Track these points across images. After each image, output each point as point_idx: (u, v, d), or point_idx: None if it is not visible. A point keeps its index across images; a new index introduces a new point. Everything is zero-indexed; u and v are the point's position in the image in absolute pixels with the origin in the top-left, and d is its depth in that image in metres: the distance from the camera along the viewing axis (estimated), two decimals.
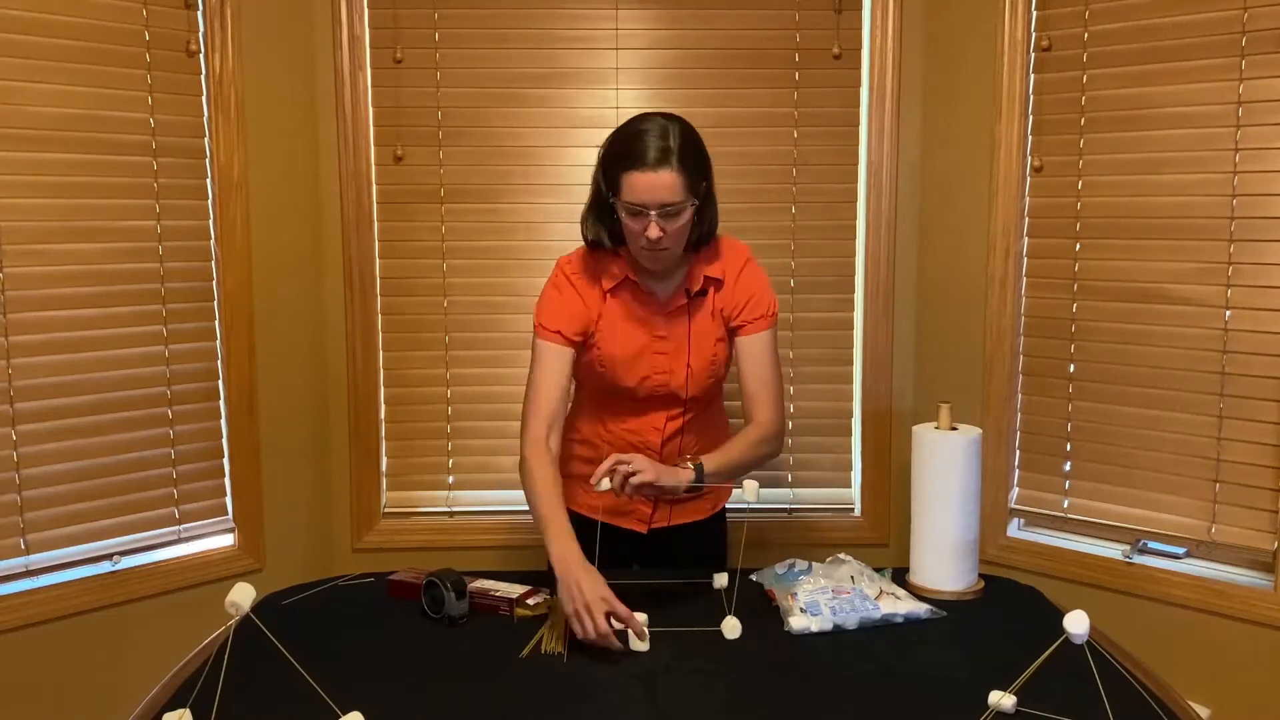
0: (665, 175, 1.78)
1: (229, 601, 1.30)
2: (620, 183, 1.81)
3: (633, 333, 1.96)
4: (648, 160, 1.78)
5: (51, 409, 2.22)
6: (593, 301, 1.96)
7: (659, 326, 1.96)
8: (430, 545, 2.67)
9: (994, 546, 2.51)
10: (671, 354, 1.97)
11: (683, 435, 2.02)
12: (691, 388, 1.97)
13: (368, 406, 2.66)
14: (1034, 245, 2.45)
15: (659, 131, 1.80)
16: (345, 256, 2.61)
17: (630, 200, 1.80)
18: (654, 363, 1.97)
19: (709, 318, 1.98)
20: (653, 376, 1.97)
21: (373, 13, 2.57)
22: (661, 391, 1.98)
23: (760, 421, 1.97)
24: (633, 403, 2.00)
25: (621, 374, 1.96)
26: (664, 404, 2.00)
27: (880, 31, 2.56)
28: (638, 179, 1.78)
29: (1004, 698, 1.45)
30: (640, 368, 1.96)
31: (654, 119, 1.83)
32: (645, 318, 1.96)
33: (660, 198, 1.79)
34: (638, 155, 1.78)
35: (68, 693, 2.27)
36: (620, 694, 1.53)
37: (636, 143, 1.80)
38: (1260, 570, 2.20)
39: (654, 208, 1.79)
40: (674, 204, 1.80)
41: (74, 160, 2.22)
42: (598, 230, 1.93)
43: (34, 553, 2.22)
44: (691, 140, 1.84)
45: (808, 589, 1.82)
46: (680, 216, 1.82)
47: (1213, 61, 2.18)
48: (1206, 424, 2.24)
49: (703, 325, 1.97)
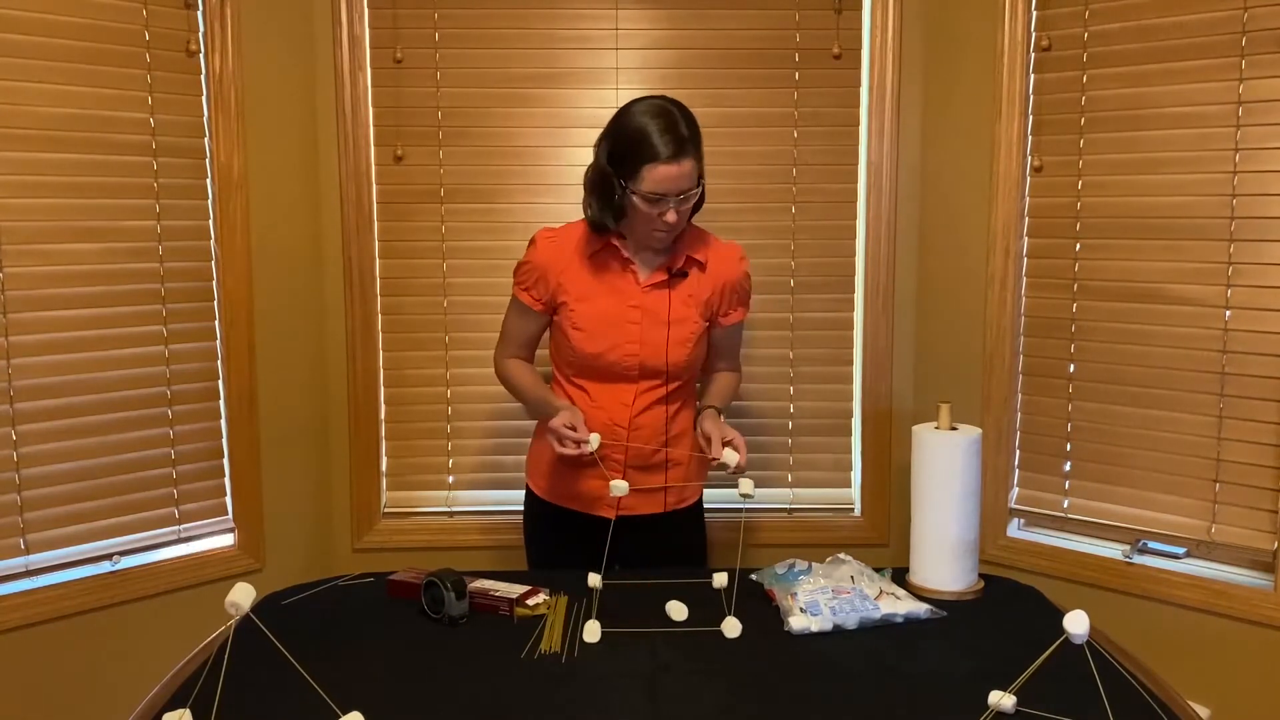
0: (686, 165, 1.89)
1: (229, 601, 1.30)
2: (640, 175, 1.88)
3: (606, 301, 2.02)
4: (669, 153, 1.87)
5: (51, 409, 2.22)
6: (570, 264, 2.04)
7: (634, 298, 2.02)
8: (430, 545, 2.67)
9: (994, 546, 2.51)
10: (644, 326, 2.01)
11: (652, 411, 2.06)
12: (657, 361, 2.02)
13: (368, 406, 2.66)
14: (1034, 245, 2.45)
15: (670, 122, 1.88)
16: (345, 256, 2.61)
17: (652, 191, 1.89)
18: (625, 332, 2.01)
19: (690, 300, 2.04)
20: (622, 346, 2.02)
21: (373, 13, 2.57)
22: (630, 363, 2.02)
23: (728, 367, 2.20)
24: (602, 377, 2.05)
25: (588, 341, 2.02)
26: (632, 378, 2.04)
27: (880, 31, 2.56)
28: (661, 171, 1.87)
29: (1004, 698, 1.45)
30: (609, 336, 2.02)
31: (661, 108, 1.90)
32: (623, 289, 2.03)
33: (682, 186, 1.90)
34: (657, 149, 1.87)
35: (68, 693, 2.27)
36: (620, 694, 1.53)
37: (652, 136, 1.87)
38: (1260, 570, 2.20)
39: (674, 196, 1.89)
40: (691, 190, 1.92)
41: (74, 160, 2.22)
42: (603, 215, 1.99)
43: (34, 553, 2.22)
44: (696, 126, 1.93)
45: (808, 589, 1.82)
46: (693, 198, 1.96)
47: (1213, 61, 2.18)
48: (1206, 424, 2.24)
49: (681, 304, 2.03)
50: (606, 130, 1.97)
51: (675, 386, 2.08)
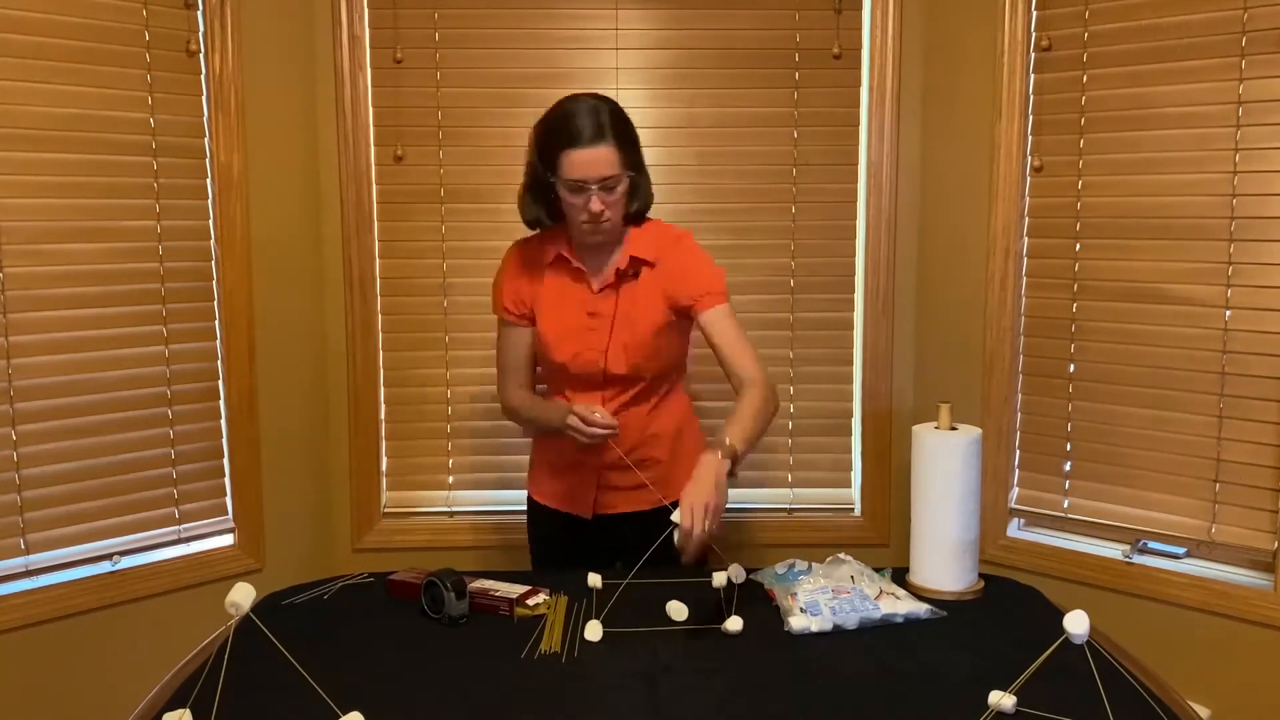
0: (602, 150, 1.88)
1: (229, 601, 1.30)
2: (559, 161, 1.90)
3: (566, 310, 2.05)
4: (585, 137, 1.88)
5: (51, 409, 2.22)
6: (533, 278, 2.08)
7: (589, 304, 2.04)
8: (430, 545, 2.67)
9: (994, 546, 2.51)
10: (600, 331, 2.03)
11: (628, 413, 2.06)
12: (617, 365, 2.03)
13: (367, 406, 2.66)
14: (1034, 245, 2.45)
15: (589, 110, 1.90)
16: (345, 256, 2.62)
17: (571, 177, 1.90)
18: (586, 339, 2.04)
19: (643, 299, 2.03)
20: (584, 354, 2.04)
21: (373, 13, 2.57)
22: (593, 369, 2.04)
23: (750, 381, 1.94)
24: (573, 385, 2.07)
25: (554, 350, 2.05)
26: (598, 384, 2.06)
27: (880, 31, 2.57)
28: (577, 156, 1.88)
29: (1004, 698, 1.45)
30: (572, 344, 2.04)
31: (582, 99, 1.94)
32: (579, 296, 2.05)
33: (600, 172, 1.89)
34: (575, 133, 1.88)
35: (68, 693, 2.27)
36: (620, 694, 1.53)
37: (570, 122, 1.89)
38: (1260, 570, 2.20)
39: (594, 182, 1.90)
40: (612, 177, 1.91)
41: (74, 160, 2.22)
42: (535, 210, 2.03)
43: (34, 553, 2.22)
44: (621, 116, 1.94)
45: (808, 589, 1.82)
46: (618, 189, 1.94)
47: (1213, 61, 2.18)
48: (1206, 424, 2.24)
49: (633, 305, 2.03)
50: (535, 124, 1.98)
51: (643, 386, 2.07)
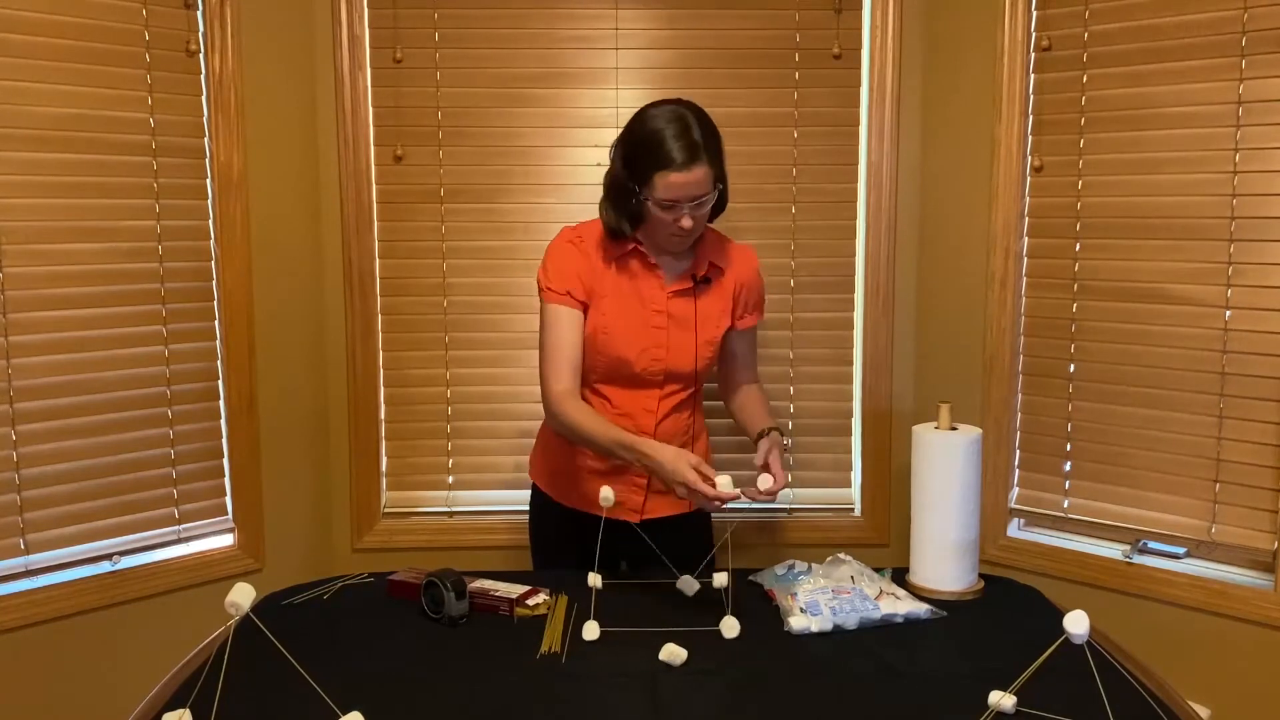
0: (698, 172, 1.86)
1: (229, 601, 1.30)
2: (654, 182, 1.87)
3: (633, 305, 2.01)
4: (681, 161, 1.85)
5: (51, 409, 2.22)
6: (596, 265, 2.01)
7: (658, 303, 2.01)
8: (430, 545, 2.67)
9: (994, 546, 2.51)
10: (669, 331, 2.01)
11: (673, 417, 2.07)
12: (685, 365, 2.03)
13: (367, 406, 2.66)
14: (1034, 245, 2.45)
15: (683, 129, 1.86)
16: (345, 256, 2.61)
17: (666, 198, 1.87)
18: (654, 337, 2.01)
19: (715, 305, 2.05)
20: (650, 350, 2.01)
21: (373, 13, 2.57)
22: (656, 368, 2.02)
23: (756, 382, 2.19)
24: (628, 383, 2.04)
25: (620, 344, 2.00)
26: (658, 384, 2.04)
27: (880, 31, 2.56)
28: (674, 179, 1.85)
29: (1004, 698, 1.45)
30: (640, 340, 2.01)
31: (671, 111, 1.89)
32: (648, 293, 2.01)
33: (693, 193, 1.88)
34: (670, 157, 1.85)
35: (68, 693, 2.27)
36: (620, 694, 1.53)
37: (665, 143, 1.85)
38: (1260, 570, 2.20)
39: (688, 202, 1.87)
40: (706, 195, 1.89)
41: (74, 160, 2.22)
42: (619, 220, 1.98)
43: (34, 553, 2.22)
44: (710, 129, 1.91)
45: (808, 589, 1.83)
46: (708, 203, 1.92)
47: (1213, 61, 2.18)
48: (1206, 424, 2.24)
49: (707, 310, 2.04)
50: (621, 135, 1.96)
51: (693, 390, 2.09)
